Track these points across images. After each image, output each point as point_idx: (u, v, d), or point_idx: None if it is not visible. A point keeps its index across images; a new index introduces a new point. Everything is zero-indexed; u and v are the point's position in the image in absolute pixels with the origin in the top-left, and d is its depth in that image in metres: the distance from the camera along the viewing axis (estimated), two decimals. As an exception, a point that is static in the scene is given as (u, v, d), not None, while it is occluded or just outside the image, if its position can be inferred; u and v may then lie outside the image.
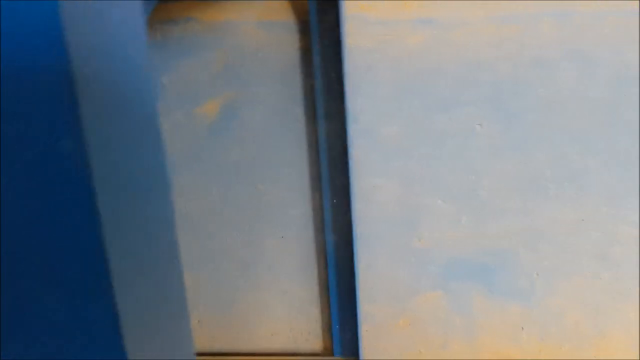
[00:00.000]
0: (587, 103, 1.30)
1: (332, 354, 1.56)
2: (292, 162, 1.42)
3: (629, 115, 1.29)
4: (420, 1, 1.28)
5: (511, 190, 1.37)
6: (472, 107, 1.32)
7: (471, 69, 1.30)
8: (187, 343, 0.48)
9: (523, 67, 1.29)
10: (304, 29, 1.32)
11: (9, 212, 0.31)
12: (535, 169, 1.35)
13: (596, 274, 1.42)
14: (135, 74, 0.36)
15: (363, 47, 1.30)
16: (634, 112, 1.29)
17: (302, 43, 1.33)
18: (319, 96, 1.33)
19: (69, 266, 0.33)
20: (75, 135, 0.30)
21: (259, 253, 1.52)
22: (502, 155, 1.34)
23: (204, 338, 1.65)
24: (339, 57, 1.28)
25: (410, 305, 1.51)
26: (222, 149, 1.44)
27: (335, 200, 1.40)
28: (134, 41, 0.36)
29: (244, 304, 1.59)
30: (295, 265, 1.52)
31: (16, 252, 0.32)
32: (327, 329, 1.57)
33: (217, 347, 1.65)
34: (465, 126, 1.33)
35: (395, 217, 1.42)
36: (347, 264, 1.44)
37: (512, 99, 1.31)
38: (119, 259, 0.34)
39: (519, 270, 1.44)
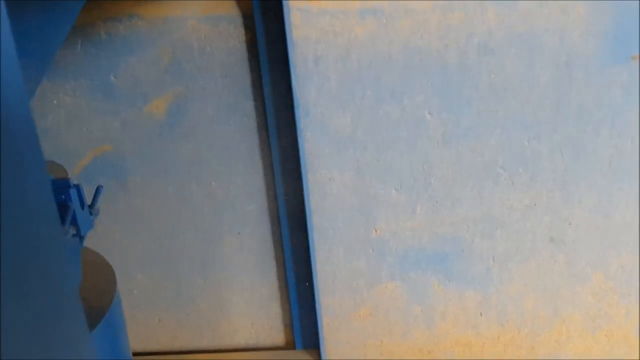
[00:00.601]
0: (535, 89, 1.31)
1: (294, 347, 1.57)
2: (244, 157, 1.41)
3: (576, 99, 1.30)
4: (366, -10, 1.27)
5: (464, 178, 1.38)
6: (422, 96, 1.32)
7: (420, 57, 1.30)
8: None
9: (471, 54, 1.29)
10: (250, 22, 1.30)
11: None
12: (487, 156, 1.36)
13: (551, 257, 1.45)
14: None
15: (310, 38, 1.29)
16: (580, 97, 1.30)
17: (249, 36, 1.32)
18: (267, 89, 1.32)
19: None
20: None
21: (217, 251, 1.51)
22: (454, 143, 1.35)
23: (164, 337, 1.64)
24: (286, 50, 1.26)
25: (370, 296, 1.52)
26: (173, 146, 1.42)
27: (289, 194, 1.40)
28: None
29: (204, 302, 1.58)
30: (253, 261, 1.51)
31: None
32: (289, 323, 1.57)
33: (178, 345, 1.65)
34: (416, 115, 1.33)
35: (351, 208, 1.42)
36: (304, 257, 1.44)
37: (461, 87, 1.31)
38: None
39: (475, 257, 1.45)
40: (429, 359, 1.57)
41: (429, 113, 1.33)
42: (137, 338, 1.64)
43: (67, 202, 0.67)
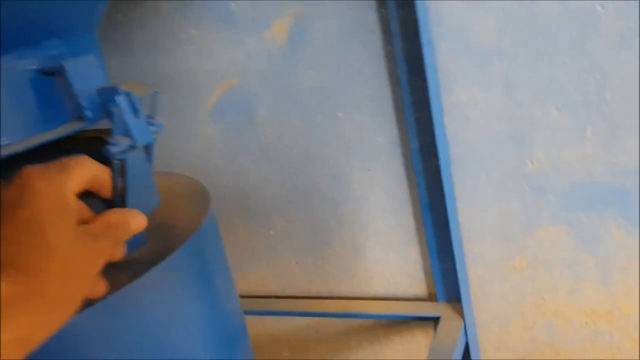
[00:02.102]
0: None
1: (435, 299, 1.40)
2: (370, 80, 1.25)
3: None
4: None
5: (653, 89, 1.06)
6: (591, -17, 1.02)
7: None
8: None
9: None
10: None
11: None
12: (688, 57, 1.02)
13: None
14: None
15: None
16: None
17: None
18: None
19: None
20: None
21: (348, 189, 1.40)
22: (635, 43, 1.03)
23: (302, 281, 1.59)
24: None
25: (527, 243, 1.27)
26: (297, 75, 1.32)
27: (420, 121, 1.21)
28: None
29: (339, 246, 1.49)
30: (387, 202, 1.37)
31: None
32: (430, 272, 1.40)
33: (316, 290, 1.58)
34: (583, 9, 1.04)
35: (499, 135, 1.19)
36: (441, 196, 1.25)
37: (648, -36, 0.99)
38: None
39: (670, 195, 1.12)
40: (607, 323, 1.28)
41: (600, 6, 1.03)
42: (276, 281, 1.62)
43: (113, 109, 0.60)
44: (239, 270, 1.64)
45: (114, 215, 0.57)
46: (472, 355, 1.34)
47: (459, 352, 1.22)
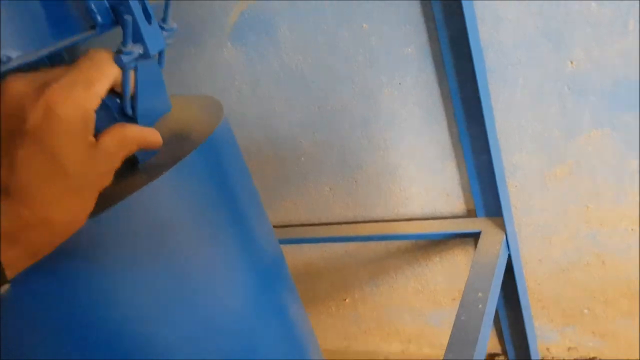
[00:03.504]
0: None
1: (475, 215, 1.43)
2: (395, -13, 1.24)
3: None
4: None
5: None
6: None
7: None
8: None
9: None
10: None
11: None
12: None
13: None
14: None
15: None
16: None
17: None
18: None
19: None
20: None
21: (378, 106, 1.41)
22: None
23: (337, 207, 1.64)
24: None
25: (569, 150, 1.28)
26: (318, -13, 1.32)
27: (451, 25, 1.20)
28: None
29: (372, 167, 1.51)
30: (420, 116, 1.38)
31: None
32: (467, 188, 1.43)
33: (352, 215, 1.63)
34: None
35: (534, 34, 1.17)
36: (478, 107, 1.25)
37: None
38: None
39: None
40: (655, 229, 1.30)
41: None
42: (311, 209, 1.67)
43: (125, 15, 0.62)
44: (273, 200, 1.69)
45: (131, 132, 0.58)
46: (515, 268, 1.38)
47: (501, 266, 1.26)
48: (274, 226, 1.74)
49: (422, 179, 1.46)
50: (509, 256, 1.34)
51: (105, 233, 0.64)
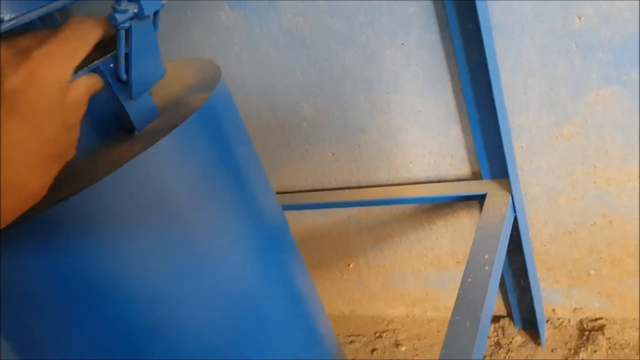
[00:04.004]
0: None
1: (480, 178, 1.42)
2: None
3: None
4: None
5: None
6: None
7: None
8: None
9: None
10: None
11: None
12: None
13: None
14: None
15: None
16: None
17: None
18: None
19: None
20: None
21: (381, 68, 1.39)
22: None
23: (340, 172, 1.63)
24: None
25: (576, 109, 1.26)
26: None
27: (456, -18, 1.17)
28: None
29: (375, 131, 1.50)
30: (423, 78, 1.36)
31: None
32: (472, 149, 1.42)
33: (355, 180, 1.62)
34: None
35: (542, -8, 1.15)
36: (483, 67, 1.24)
37: None
38: None
39: None
40: (663, 187, 1.29)
41: None
42: (314, 174, 1.66)
43: None
44: (275, 167, 1.68)
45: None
46: (521, 230, 1.38)
47: (507, 228, 1.26)
48: (276, 192, 1.74)
49: (426, 142, 1.45)
50: (515, 218, 1.34)
51: (106, 200, 0.63)
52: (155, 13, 0.66)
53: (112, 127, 0.70)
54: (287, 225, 1.00)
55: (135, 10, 0.61)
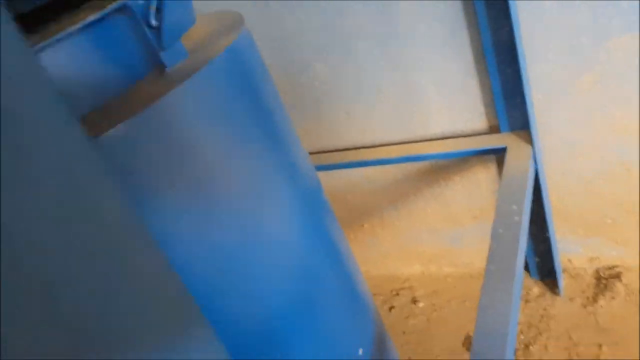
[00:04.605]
0: None
1: (498, 131, 1.43)
2: None
3: None
4: None
5: None
6: None
7: None
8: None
9: None
10: None
11: None
12: None
13: None
14: None
15: None
16: None
17: None
18: None
19: None
20: None
21: (396, 23, 1.38)
22: None
23: (354, 131, 1.63)
24: None
25: (597, 57, 1.27)
26: None
27: None
28: None
29: (390, 89, 1.50)
30: (440, 32, 1.35)
31: None
32: (490, 103, 1.42)
33: (370, 140, 1.62)
34: None
35: (564, -63, 1.14)
36: (503, 16, 1.23)
37: None
38: None
39: None
40: (683, 133, 1.30)
41: None
42: (328, 135, 1.66)
43: None
44: (286, 128, 1.68)
45: None
46: (541, 181, 1.39)
47: (531, 179, 1.27)
48: (289, 155, 1.74)
49: (443, 98, 1.45)
50: (536, 171, 1.36)
51: (136, 137, 0.63)
52: None
53: (143, 67, 0.70)
54: (321, 185, 1.01)
55: None
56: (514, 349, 0.95)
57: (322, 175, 1.76)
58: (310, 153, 1.71)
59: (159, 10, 0.64)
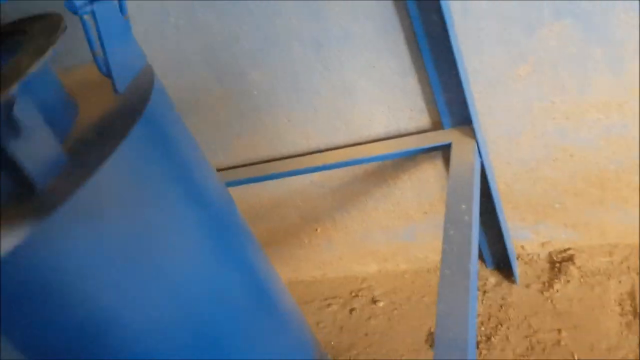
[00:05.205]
0: None
1: (441, 128, 1.43)
2: None
3: None
4: None
5: None
6: None
7: None
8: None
9: None
10: None
11: None
12: None
13: None
14: None
15: None
16: None
17: None
18: None
19: None
20: None
21: (329, 25, 1.35)
22: None
23: (297, 137, 1.60)
24: None
25: (530, 46, 1.27)
26: None
27: None
28: None
29: (329, 91, 1.48)
30: (374, 29, 1.33)
31: None
32: (431, 99, 1.41)
33: (314, 144, 1.60)
34: None
35: None
36: (435, 9, 1.22)
37: None
38: None
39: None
40: (620, 114, 1.33)
41: None
42: (270, 143, 1.62)
43: None
44: (229, 139, 1.64)
45: None
46: (488, 174, 1.40)
47: (477, 175, 1.27)
48: (233, 166, 1.70)
49: (383, 97, 1.44)
50: (481, 163, 1.36)
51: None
52: None
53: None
54: (233, 205, 0.98)
55: None
56: (474, 350, 0.95)
57: (268, 184, 1.74)
58: (254, 163, 1.68)
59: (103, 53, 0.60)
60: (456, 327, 0.86)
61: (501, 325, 1.52)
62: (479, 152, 1.34)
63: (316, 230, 1.85)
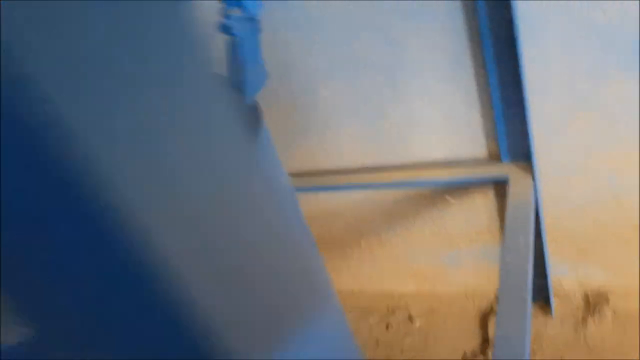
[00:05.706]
0: None
1: (499, 160, 1.51)
2: None
3: None
4: None
5: None
6: None
7: None
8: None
9: None
10: None
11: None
12: None
13: None
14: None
15: None
16: None
17: None
18: None
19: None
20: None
21: (403, 53, 1.45)
22: None
23: (356, 154, 1.70)
24: None
25: (593, 96, 1.36)
26: None
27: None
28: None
29: (394, 115, 1.57)
30: (449, 65, 1.43)
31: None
32: (492, 133, 1.50)
33: (370, 162, 1.69)
34: None
35: (568, -16, 1.22)
36: (508, 53, 1.31)
37: None
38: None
39: None
40: (673, 169, 1.40)
41: None
42: (328, 157, 1.72)
43: None
44: (290, 148, 1.74)
45: None
46: (539, 212, 1.48)
47: (532, 209, 1.35)
48: (292, 174, 1.80)
49: (446, 126, 1.53)
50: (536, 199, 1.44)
51: None
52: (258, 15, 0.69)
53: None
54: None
55: (244, 16, 0.63)
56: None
57: (321, 194, 1.84)
58: (315, 174, 1.77)
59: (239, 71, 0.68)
60: (514, 351, 0.94)
61: (535, 354, 1.59)
62: (535, 190, 1.41)
63: (360, 244, 1.94)
